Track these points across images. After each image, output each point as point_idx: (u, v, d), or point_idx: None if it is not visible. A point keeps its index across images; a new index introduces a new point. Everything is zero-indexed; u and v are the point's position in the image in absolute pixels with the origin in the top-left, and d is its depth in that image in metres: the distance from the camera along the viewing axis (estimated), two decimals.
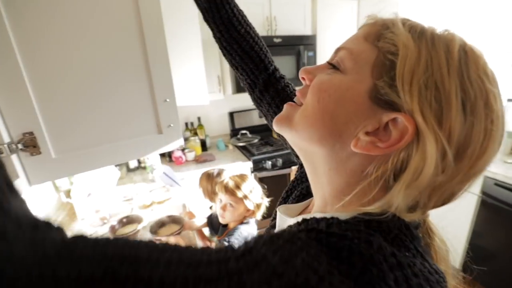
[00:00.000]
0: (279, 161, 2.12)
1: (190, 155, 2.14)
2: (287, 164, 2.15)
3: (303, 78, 0.36)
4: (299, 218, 0.30)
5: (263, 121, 2.58)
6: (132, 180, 1.94)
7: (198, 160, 2.10)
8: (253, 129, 2.53)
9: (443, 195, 0.28)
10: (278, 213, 0.44)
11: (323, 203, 0.35)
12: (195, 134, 2.35)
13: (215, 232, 1.28)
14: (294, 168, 2.10)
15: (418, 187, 0.26)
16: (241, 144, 2.30)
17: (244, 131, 2.43)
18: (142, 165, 2.02)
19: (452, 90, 0.25)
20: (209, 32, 0.60)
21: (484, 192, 1.66)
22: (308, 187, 0.49)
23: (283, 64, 2.14)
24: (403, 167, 0.27)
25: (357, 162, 0.31)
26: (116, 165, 1.95)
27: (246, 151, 2.21)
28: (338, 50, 0.33)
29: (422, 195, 0.27)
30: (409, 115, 0.26)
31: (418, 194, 0.27)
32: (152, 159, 1.77)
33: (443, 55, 0.26)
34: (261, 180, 2.10)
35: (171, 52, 1.88)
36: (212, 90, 2.09)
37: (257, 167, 2.07)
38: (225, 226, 1.21)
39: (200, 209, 1.59)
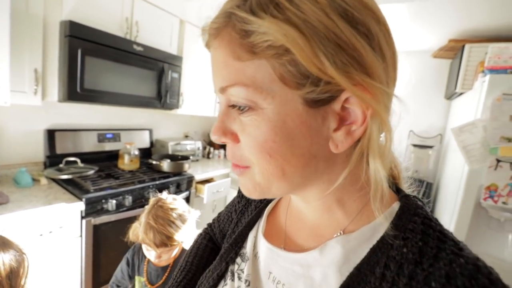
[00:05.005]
0: (128, 199, 1.57)
1: None
2: (138, 202, 1.64)
3: (224, 142, 0.30)
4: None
5: (105, 146, 1.94)
6: None
7: None
8: (87, 157, 1.81)
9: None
10: (264, 247, 0.38)
11: (335, 224, 0.32)
12: None
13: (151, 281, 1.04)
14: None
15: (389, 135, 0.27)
16: (65, 176, 1.54)
17: (72, 158, 1.68)
18: None
19: (349, 36, 0.23)
20: (27, 2, 0.32)
21: None
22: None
23: (143, 78, 1.74)
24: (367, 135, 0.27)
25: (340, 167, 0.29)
26: None
27: (74, 186, 1.49)
28: (224, 89, 0.28)
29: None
30: (349, 87, 0.24)
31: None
32: None
33: (313, 7, 0.23)
34: (96, 228, 1.44)
35: None
36: (19, 88, 1.32)
37: (94, 209, 1.42)
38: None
39: None
